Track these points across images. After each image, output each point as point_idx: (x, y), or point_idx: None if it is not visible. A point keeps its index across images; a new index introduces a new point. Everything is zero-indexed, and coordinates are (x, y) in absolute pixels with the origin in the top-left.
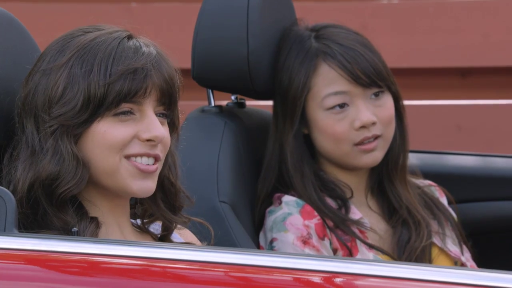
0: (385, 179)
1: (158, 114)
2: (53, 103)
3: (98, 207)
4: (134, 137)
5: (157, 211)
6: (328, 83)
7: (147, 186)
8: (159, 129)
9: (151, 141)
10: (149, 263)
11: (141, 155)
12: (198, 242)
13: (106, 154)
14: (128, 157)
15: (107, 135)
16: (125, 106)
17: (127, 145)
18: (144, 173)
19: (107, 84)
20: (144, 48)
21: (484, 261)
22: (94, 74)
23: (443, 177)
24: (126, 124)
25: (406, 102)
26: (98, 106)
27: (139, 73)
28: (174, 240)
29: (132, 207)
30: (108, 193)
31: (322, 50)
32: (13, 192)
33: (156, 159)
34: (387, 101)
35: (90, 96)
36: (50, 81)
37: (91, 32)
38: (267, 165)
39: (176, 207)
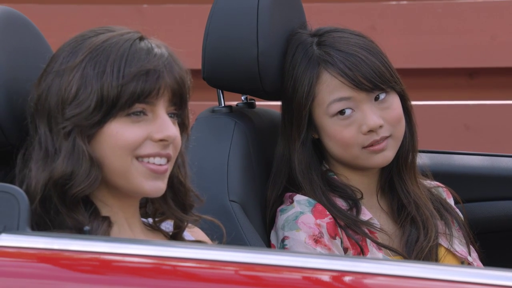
0: (394, 176)
1: (169, 114)
2: (66, 104)
3: (109, 207)
4: (147, 138)
5: (167, 210)
6: (331, 90)
7: (158, 187)
8: (171, 129)
9: (163, 141)
10: (160, 262)
11: (154, 156)
12: (209, 241)
13: (118, 155)
14: (140, 157)
15: (119, 136)
16: (138, 107)
17: (139, 146)
18: (156, 174)
19: (120, 85)
20: (156, 50)
21: (492, 260)
22: (107, 75)
23: (450, 177)
24: (138, 125)
25: (414, 103)
26: (111, 107)
27: (152, 74)
28: (186, 239)
29: (143, 206)
30: (118, 193)
31: (323, 58)
32: (27, 192)
33: (168, 159)
34: (394, 101)
35: (103, 97)
36: (63, 82)
37: (103, 33)
38: (276, 170)
39: (186, 205)
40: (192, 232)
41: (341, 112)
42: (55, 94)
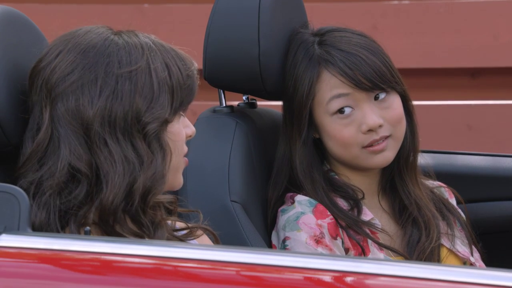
0: (396, 177)
1: None
2: (147, 107)
3: None
4: None
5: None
6: (330, 87)
7: None
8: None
9: (189, 137)
10: (161, 262)
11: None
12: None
13: (178, 153)
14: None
15: (181, 133)
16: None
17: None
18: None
19: (186, 86)
20: (181, 51)
21: (494, 261)
22: (174, 75)
23: (453, 177)
24: (179, 122)
25: (416, 103)
26: (178, 106)
27: (197, 72)
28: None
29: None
30: None
31: (323, 57)
32: (104, 205)
33: None
34: (394, 101)
35: (174, 97)
36: (136, 85)
37: (123, 33)
38: (277, 170)
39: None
40: (199, 240)
41: (341, 111)
42: (128, 98)
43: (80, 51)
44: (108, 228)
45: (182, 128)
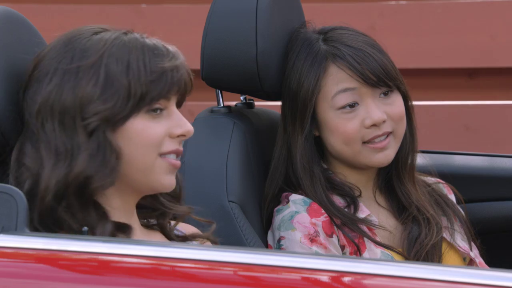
0: (394, 178)
1: None
2: (90, 101)
3: (111, 207)
4: (166, 134)
5: (157, 204)
6: (337, 81)
7: (173, 181)
8: (189, 124)
9: (182, 137)
10: (158, 262)
11: (174, 152)
12: (198, 232)
13: (143, 152)
14: (162, 154)
15: (144, 134)
16: (160, 103)
17: (161, 143)
18: (175, 169)
19: (149, 81)
20: (169, 47)
21: (492, 261)
22: (133, 71)
23: (450, 177)
24: (158, 121)
25: (414, 103)
26: (137, 103)
27: (178, 70)
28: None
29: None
30: (122, 191)
31: (331, 52)
32: (32, 191)
33: (181, 155)
34: (397, 99)
35: (130, 93)
36: (81, 80)
37: (100, 32)
38: (274, 167)
39: (179, 197)
40: (181, 225)
41: (346, 106)
42: (71, 93)
43: (60, 45)
44: (48, 228)
45: (152, 126)
